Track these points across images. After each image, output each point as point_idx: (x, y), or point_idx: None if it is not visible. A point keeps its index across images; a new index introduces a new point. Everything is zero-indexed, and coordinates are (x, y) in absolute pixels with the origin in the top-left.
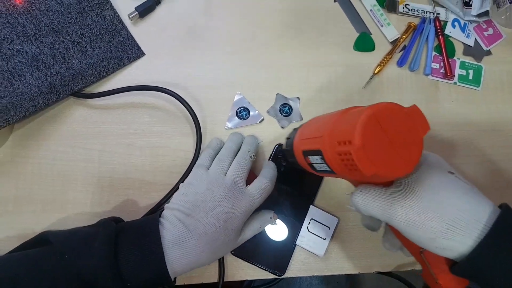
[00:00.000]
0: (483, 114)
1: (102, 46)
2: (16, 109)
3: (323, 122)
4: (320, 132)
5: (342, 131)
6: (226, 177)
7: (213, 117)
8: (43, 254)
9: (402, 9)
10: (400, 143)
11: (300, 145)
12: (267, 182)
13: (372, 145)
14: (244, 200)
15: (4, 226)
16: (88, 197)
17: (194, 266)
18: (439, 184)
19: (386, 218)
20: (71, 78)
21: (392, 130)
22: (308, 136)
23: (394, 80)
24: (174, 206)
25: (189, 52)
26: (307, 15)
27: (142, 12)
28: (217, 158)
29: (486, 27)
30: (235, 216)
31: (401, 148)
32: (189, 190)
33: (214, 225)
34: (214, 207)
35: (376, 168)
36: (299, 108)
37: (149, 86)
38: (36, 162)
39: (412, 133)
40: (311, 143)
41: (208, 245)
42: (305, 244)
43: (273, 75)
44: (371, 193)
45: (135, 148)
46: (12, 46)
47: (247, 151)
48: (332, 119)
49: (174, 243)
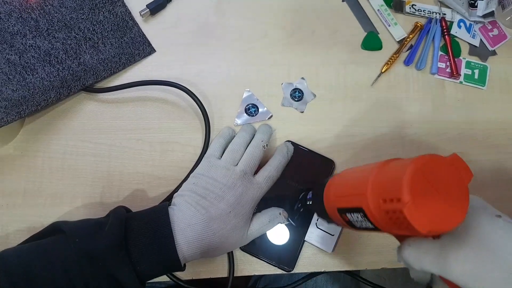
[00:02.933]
0: (488, 113)
1: (114, 42)
2: (28, 103)
3: (360, 178)
4: (359, 189)
5: (387, 188)
6: (236, 168)
7: (222, 113)
8: (54, 241)
9: (409, 9)
10: (447, 194)
11: (335, 203)
12: (272, 170)
13: (422, 200)
14: (252, 188)
15: (13, 219)
16: (97, 191)
17: (204, 251)
18: (491, 231)
19: (440, 272)
20: (82, 73)
21: (438, 182)
22: (344, 194)
23: (401, 79)
24: (184, 193)
25: (200, 49)
26: (316, 15)
27: (153, 9)
28: (230, 148)
29: (491, 28)
30: (243, 203)
31: (450, 199)
32: (200, 179)
33: (225, 210)
34: (224, 194)
35: (430, 223)
36: (308, 88)
37: (160, 81)
38: (46, 156)
39: (457, 182)
40: (349, 200)
41: (219, 229)
42: (313, 240)
43: (282, 73)
44: (422, 247)
45: (145, 143)
46: (25, 40)
47: (260, 140)
48: (371, 174)
49: (185, 225)
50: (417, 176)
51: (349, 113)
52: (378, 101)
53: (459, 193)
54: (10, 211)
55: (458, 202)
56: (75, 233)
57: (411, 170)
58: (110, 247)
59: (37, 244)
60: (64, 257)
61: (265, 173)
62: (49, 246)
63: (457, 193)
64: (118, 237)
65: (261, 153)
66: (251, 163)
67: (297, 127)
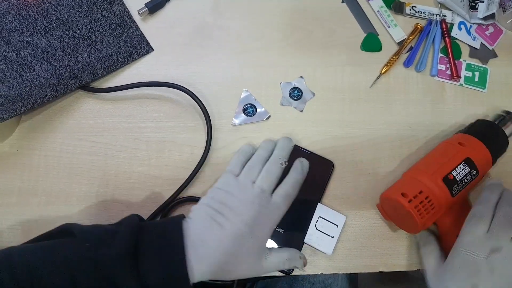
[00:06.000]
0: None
1: (112, 41)
2: (24, 100)
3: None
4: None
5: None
6: (254, 185)
7: (220, 114)
8: (63, 243)
9: (409, 11)
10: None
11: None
12: (289, 188)
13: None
14: (271, 208)
15: (8, 218)
16: (93, 190)
17: (213, 272)
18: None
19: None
20: (79, 71)
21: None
22: (444, 160)
23: (400, 80)
24: (201, 206)
25: (197, 49)
26: (315, 15)
27: (151, 8)
28: (247, 166)
29: (486, 26)
30: (261, 224)
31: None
32: (217, 193)
33: (241, 229)
34: (241, 211)
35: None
36: (307, 86)
37: (161, 83)
38: (42, 155)
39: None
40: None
41: (233, 250)
42: (313, 242)
43: (281, 73)
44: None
45: (141, 143)
46: (22, 38)
47: (278, 157)
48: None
49: (198, 240)
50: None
51: (348, 114)
52: (377, 103)
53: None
54: (5, 209)
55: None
56: (86, 238)
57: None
58: (119, 257)
59: (45, 245)
60: (71, 261)
61: (281, 191)
62: (57, 248)
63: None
64: (128, 247)
65: (279, 170)
66: (269, 180)
67: (296, 127)
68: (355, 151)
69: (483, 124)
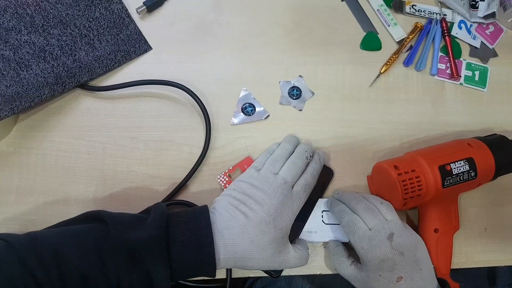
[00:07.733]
0: (488, 115)
1: (110, 39)
2: (22, 99)
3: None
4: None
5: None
6: (277, 176)
7: (218, 113)
8: (89, 228)
9: (409, 10)
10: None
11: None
12: (308, 178)
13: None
14: (292, 199)
15: (6, 216)
16: (91, 189)
17: (238, 258)
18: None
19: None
20: (77, 70)
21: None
22: (448, 152)
23: (400, 79)
24: (224, 197)
25: (196, 48)
26: (314, 14)
27: (150, 6)
28: (271, 158)
29: (486, 25)
30: (283, 214)
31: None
32: (240, 185)
33: (265, 219)
34: (264, 202)
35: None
36: (306, 85)
37: (159, 81)
38: (40, 153)
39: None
40: (456, 154)
41: (257, 238)
42: (329, 237)
43: (280, 72)
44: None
45: (139, 142)
46: (20, 36)
47: (304, 150)
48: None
49: (223, 227)
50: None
51: (347, 113)
52: (377, 102)
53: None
54: (3, 208)
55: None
56: (117, 222)
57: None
58: (153, 240)
59: (72, 229)
60: (102, 245)
61: (302, 181)
62: (85, 232)
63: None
64: (161, 231)
65: (303, 163)
66: (293, 172)
67: (295, 127)
68: (355, 150)
69: (499, 138)
